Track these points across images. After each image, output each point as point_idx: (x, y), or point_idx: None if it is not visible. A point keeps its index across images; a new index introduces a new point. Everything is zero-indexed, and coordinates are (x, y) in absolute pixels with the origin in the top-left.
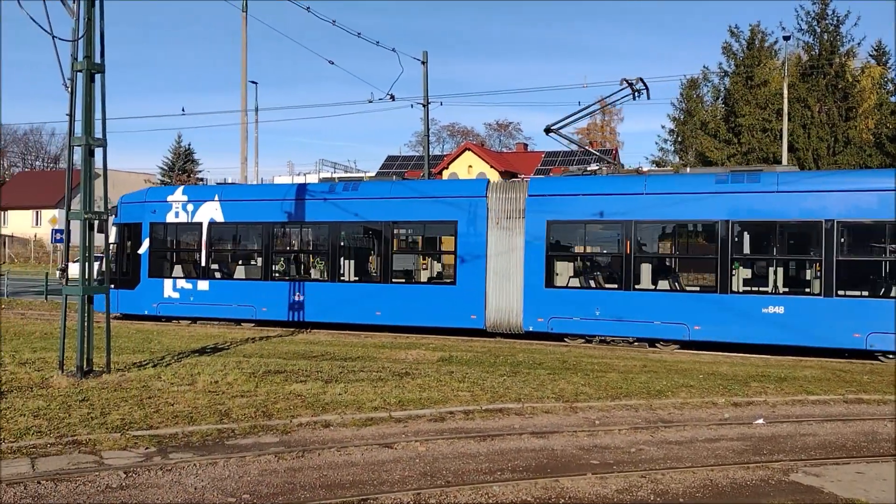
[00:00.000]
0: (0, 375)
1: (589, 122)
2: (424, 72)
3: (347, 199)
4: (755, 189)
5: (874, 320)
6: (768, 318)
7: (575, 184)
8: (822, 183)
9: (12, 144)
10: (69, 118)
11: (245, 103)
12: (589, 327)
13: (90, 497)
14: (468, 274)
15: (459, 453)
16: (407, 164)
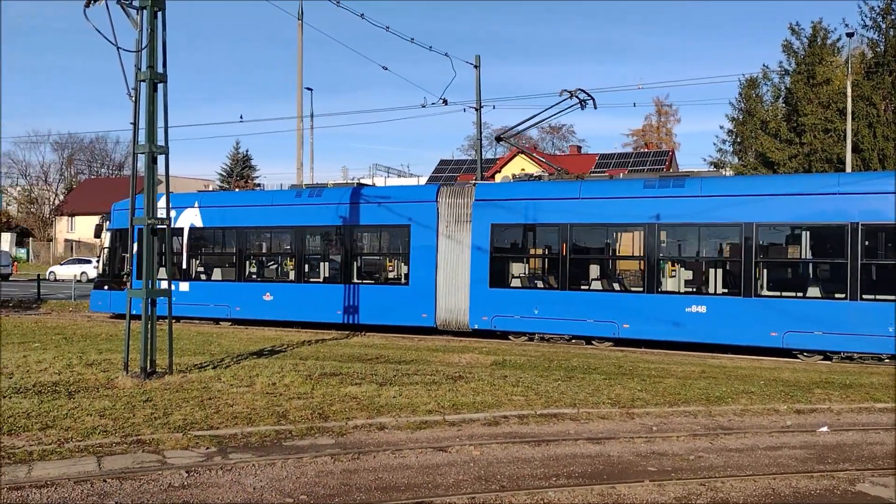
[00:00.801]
0: (69, 376)
1: (644, 124)
2: (477, 75)
3: (312, 204)
4: (680, 194)
5: (790, 319)
6: (691, 317)
7: (517, 189)
8: (743, 188)
9: (79, 153)
10: (133, 127)
11: (301, 110)
12: (529, 325)
13: (153, 496)
14: (420, 275)
15: (514, 458)
16: (459, 168)
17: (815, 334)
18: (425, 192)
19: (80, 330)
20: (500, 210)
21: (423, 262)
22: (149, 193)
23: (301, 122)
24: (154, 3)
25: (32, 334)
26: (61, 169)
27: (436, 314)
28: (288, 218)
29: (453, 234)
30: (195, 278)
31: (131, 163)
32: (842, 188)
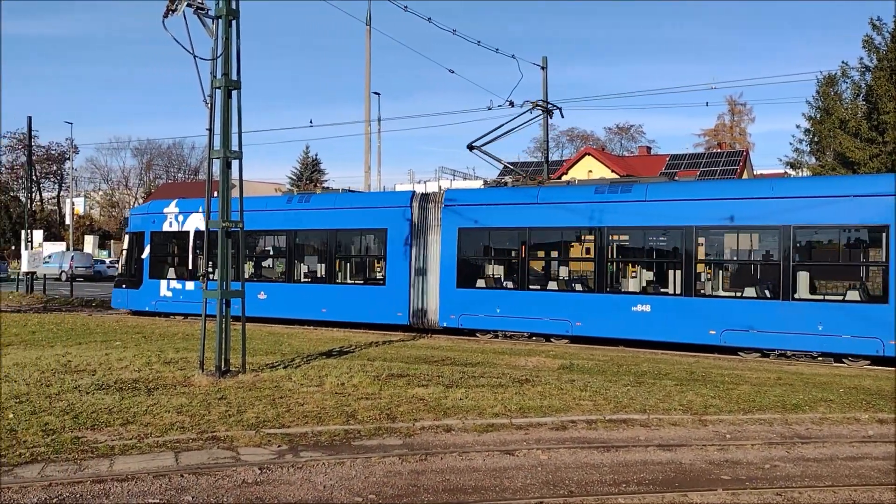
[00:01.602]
0: (148, 374)
1: (717, 123)
2: (544, 77)
3: (301, 209)
4: (627, 199)
5: (728, 318)
6: (637, 316)
7: (481, 195)
8: (685, 193)
9: (157, 158)
10: (209, 132)
11: (368, 114)
12: (492, 323)
13: (228, 491)
14: (395, 275)
15: (582, 463)
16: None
17: (751, 333)
18: (400, 197)
19: (158, 329)
20: (466, 215)
21: (398, 263)
22: (223, 197)
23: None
24: (229, 13)
25: (114, 333)
26: (140, 174)
27: (409, 313)
28: (280, 222)
29: (425, 238)
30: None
31: (207, 167)
32: (775, 193)
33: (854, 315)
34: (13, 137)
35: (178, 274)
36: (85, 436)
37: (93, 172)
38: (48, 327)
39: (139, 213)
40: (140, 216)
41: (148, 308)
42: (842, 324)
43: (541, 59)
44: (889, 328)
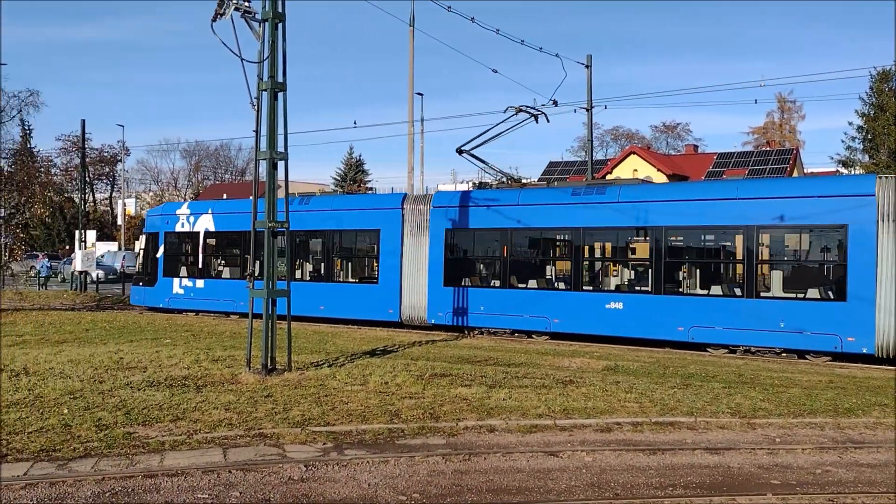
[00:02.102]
0: (197, 371)
1: (766, 121)
2: (588, 75)
3: (301, 211)
4: (601, 200)
5: (695, 315)
6: (610, 313)
7: (467, 197)
8: (654, 195)
9: (205, 159)
10: (255, 134)
11: (411, 114)
12: (477, 320)
13: (274, 488)
14: (387, 274)
15: (628, 466)
16: (569, 170)
17: (717, 329)
18: (392, 199)
19: (206, 327)
20: (453, 216)
21: (390, 263)
22: (269, 198)
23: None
24: (275, 16)
25: (164, 331)
26: (189, 175)
27: (400, 310)
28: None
29: (415, 238)
30: (209, 276)
31: (254, 168)
32: (740, 194)
33: (814, 313)
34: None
35: (189, 272)
36: (136, 431)
37: (143, 174)
38: (101, 325)
39: (154, 215)
40: (155, 217)
41: (162, 305)
42: (803, 321)
43: (585, 57)
44: (847, 326)
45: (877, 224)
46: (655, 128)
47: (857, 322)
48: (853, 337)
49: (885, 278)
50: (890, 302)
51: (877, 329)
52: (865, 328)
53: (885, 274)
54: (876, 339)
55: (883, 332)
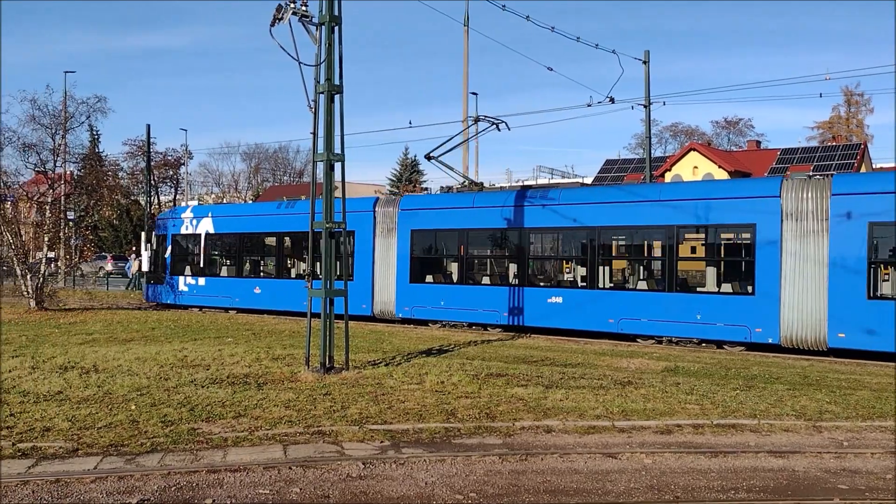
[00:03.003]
0: (257, 369)
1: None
2: (646, 71)
3: (287, 214)
4: (545, 203)
5: (623, 308)
6: (551, 307)
7: (430, 200)
8: (591, 197)
9: (265, 162)
10: (313, 136)
11: (466, 114)
12: (438, 314)
13: (333, 485)
14: (362, 272)
15: (688, 468)
16: (626, 168)
17: (642, 321)
18: (365, 203)
19: (266, 326)
20: (418, 218)
21: (363, 261)
22: (327, 199)
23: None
24: (331, 19)
25: (226, 330)
26: (249, 177)
27: (373, 305)
28: (272, 225)
29: (385, 239)
30: (209, 274)
31: (311, 170)
32: (662, 196)
33: (726, 306)
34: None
35: (192, 271)
36: (200, 427)
37: (205, 176)
38: (166, 324)
39: (164, 218)
40: (164, 220)
41: (170, 301)
42: (716, 313)
43: (643, 53)
44: (755, 318)
45: (781, 223)
46: (716, 123)
47: (763, 315)
48: (760, 328)
49: (789, 274)
50: (793, 296)
51: (781, 321)
52: (771, 320)
53: (788, 270)
54: (781, 331)
55: (787, 324)
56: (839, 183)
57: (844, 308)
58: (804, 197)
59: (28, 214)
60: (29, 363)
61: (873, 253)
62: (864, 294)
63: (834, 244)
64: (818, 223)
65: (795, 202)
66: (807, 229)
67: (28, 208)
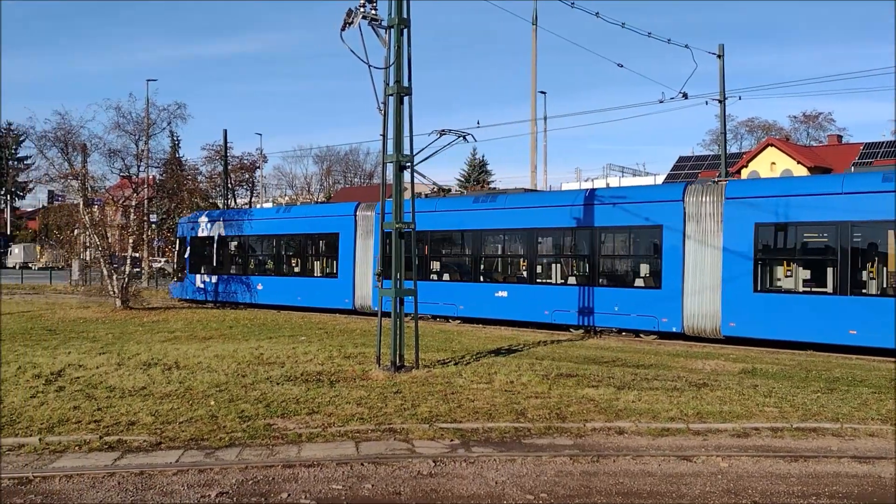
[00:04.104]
0: (330, 367)
1: None
2: (720, 66)
3: (284, 218)
4: (492, 207)
5: (556, 302)
6: (498, 300)
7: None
8: (528, 202)
9: (336, 164)
10: (383, 138)
11: (534, 113)
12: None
13: (404, 482)
14: (344, 270)
15: (767, 473)
16: (700, 165)
17: (571, 312)
18: (347, 208)
19: (339, 325)
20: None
21: (346, 261)
22: (396, 199)
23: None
24: (400, 22)
25: (300, 328)
26: (321, 179)
27: (354, 300)
28: (271, 228)
29: (364, 240)
30: (220, 273)
31: (381, 172)
32: (587, 200)
33: (638, 298)
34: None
35: (207, 270)
36: (276, 423)
37: (279, 179)
38: (243, 323)
39: (184, 222)
40: (184, 224)
41: (188, 297)
42: (630, 305)
43: (717, 47)
44: (662, 309)
45: (684, 225)
46: (795, 118)
47: (669, 306)
48: (666, 319)
49: (690, 270)
50: (693, 290)
51: (683, 312)
52: (675, 312)
53: (690, 266)
54: (684, 321)
55: (688, 315)
56: (731, 188)
57: (735, 300)
58: (703, 201)
59: (114, 217)
60: (115, 360)
61: (759, 251)
62: (750, 288)
63: (726, 243)
64: (714, 224)
65: (696, 206)
66: (705, 230)
67: (114, 211)
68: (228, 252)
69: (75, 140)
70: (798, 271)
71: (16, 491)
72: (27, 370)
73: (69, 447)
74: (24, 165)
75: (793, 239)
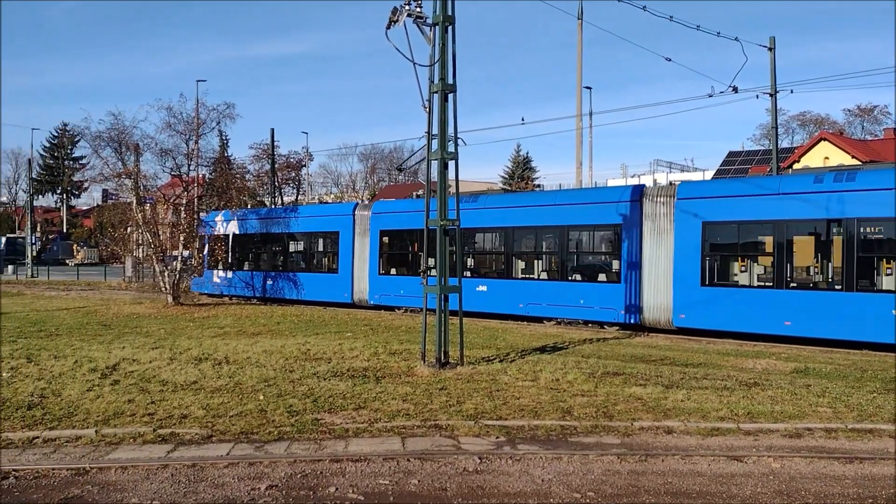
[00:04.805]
0: (376, 363)
1: None
2: (771, 58)
3: (289, 218)
4: (474, 206)
5: (529, 295)
6: (479, 294)
7: (394, 205)
8: (504, 202)
9: (380, 162)
10: (427, 136)
11: (580, 109)
12: (398, 301)
13: (450, 478)
14: (344, 265)
15: (820, 474)
16: (750, 160)
17: (542, 305)
18: (346, 208)
19: (383, 322)
20: (384, 220)
21: (345, 257)
22: (441, 197)
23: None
24: (445, 19)
25: (345, 325)
26: (366, 177)
27: (352, 294)
28: (278, 227)
29: (361, 238)
30: (235, 269)
31: (426, 169)
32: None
33: (601, 292)
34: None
35: (223, 266)
36: (323, 418)
37: (325, 177)
38: (290, 319)
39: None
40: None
41: (207, 291)
42: (594, 298)
43: (768, 39)
44: (622, 302)
45: (641, 224)
46: (849, 111)
47: (628, 300)
48: (625, 311)
49: (647, 265)
50: (649, 284)
51: (641, 305)
52: (633, 304)
53: (646, 262)
54: (641, 314)
55: (645, 307)
56: (682, 190)
57: (684, 294)
58: (658, 202)
59: (165, 215)
60: (167, 354)
61: (706, 248)
62: (698, 282)
63: (677, 241)
64: (667, 223)
65: (652, 206)
66: (659, 229)
67: (165, 210)
68: (241, 249)
69: (128, 140)
70: (739, 267)
71: (73, 481)
72: (83, 364)
73: (124, 439)
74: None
75: (736, 237)
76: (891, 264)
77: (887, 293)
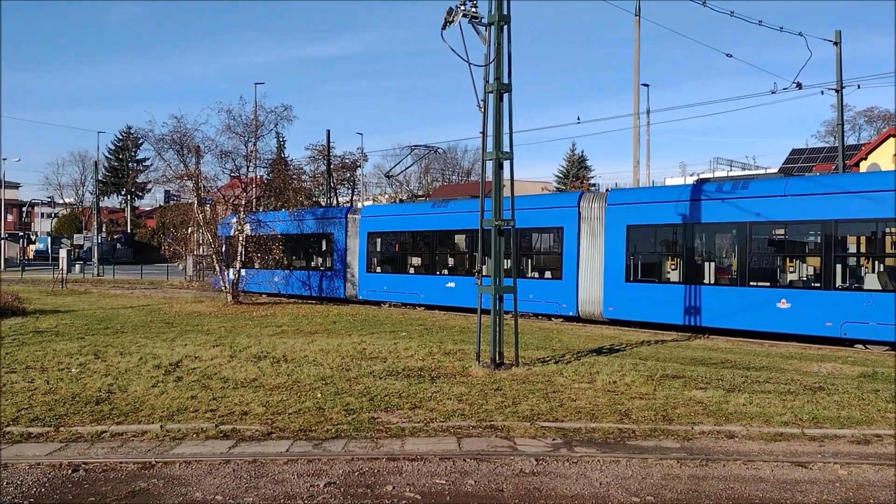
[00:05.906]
0: (430, 363)
1: None
2: (837, 53)
3: (293, 220)
4: (443, 211)
5: None
6: (448, 290)
7: (382, 209)
8: (471, 206)
9: (434, 161)
10: (482, 135)
11: (637, 106)
12: (384, 296)
13: (507, 479)
14: (338, 264)
15: (890, 482)
16: (815, 157)
17: None
18: (339, 212)
19: (437, 322)
20: (373, 223)
21: (339, 256)
22: (496, 196)
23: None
24: (500, 19)
25: (400, 324)
26: (420, 177)
27: (344, 290)
28: (286, 228)
29: (352, 239)
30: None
31: (480, 169)
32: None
33: (546, 288)
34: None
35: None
36: (379, 417)
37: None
38: (346, 318)
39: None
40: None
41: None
42: (541, 294)
43: (833, 33)
44: (562, 296)
45: (579, 227)
46: None
47: (567, 295)
48: (566, 305)
49: (583, 264)
50: (585, 281)
51: (578, 299)
52: (572, 299)
53: (583, 261)
54: (578, 307)
55: (581, 301)
56: (612, 196)
57: (612, 289)
58: (592, 206)
59: (224, 216)
60: (228, 352)
61: (629, 248)
62: (623, 279)
63: (607, 242)
64: (599, 226)
65: (588, 210)
66: (593, 231)
67: (224, 210)
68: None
69: (190, 142)
70: (657, 265)
71: (140, 475)
72: (148, 361)
73: (188, 434)
74: (142, 167)
75: (653, 238)
76: (793, 262)
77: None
